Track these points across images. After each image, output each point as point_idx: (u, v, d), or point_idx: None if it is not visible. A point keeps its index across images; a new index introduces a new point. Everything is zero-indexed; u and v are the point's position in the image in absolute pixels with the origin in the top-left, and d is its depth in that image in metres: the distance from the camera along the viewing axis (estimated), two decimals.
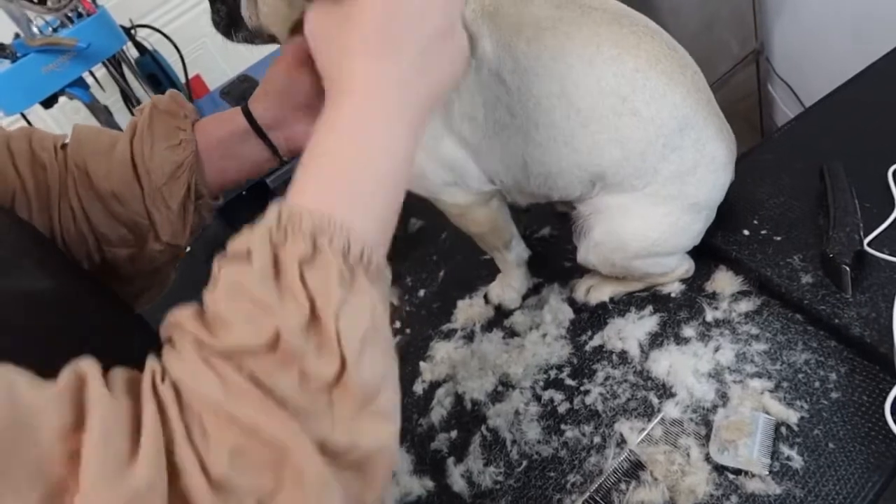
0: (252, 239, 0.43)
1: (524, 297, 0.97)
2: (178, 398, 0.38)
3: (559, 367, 0.87)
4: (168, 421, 0.37)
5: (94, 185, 0.71)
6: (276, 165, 0.78)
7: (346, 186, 0.47)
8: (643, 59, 0.73)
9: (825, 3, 1.59)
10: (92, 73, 1.24)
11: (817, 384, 0.73)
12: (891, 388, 0.68)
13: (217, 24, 0.79)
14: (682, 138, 0.76)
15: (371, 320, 0.43)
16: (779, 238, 0.86)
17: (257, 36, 0.78)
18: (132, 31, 1.31)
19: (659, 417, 0.76)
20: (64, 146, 0.72)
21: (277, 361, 0.40)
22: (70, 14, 1.15)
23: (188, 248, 0.83)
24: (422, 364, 0.95)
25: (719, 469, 0.70)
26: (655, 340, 0.84)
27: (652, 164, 0.77)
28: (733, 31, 1.65)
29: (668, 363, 0.81)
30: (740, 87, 1.77)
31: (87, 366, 0.38)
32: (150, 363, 0.40)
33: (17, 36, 1.12)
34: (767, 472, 0.68)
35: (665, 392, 0.79)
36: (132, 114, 1.31)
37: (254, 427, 0.38)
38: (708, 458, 0.71)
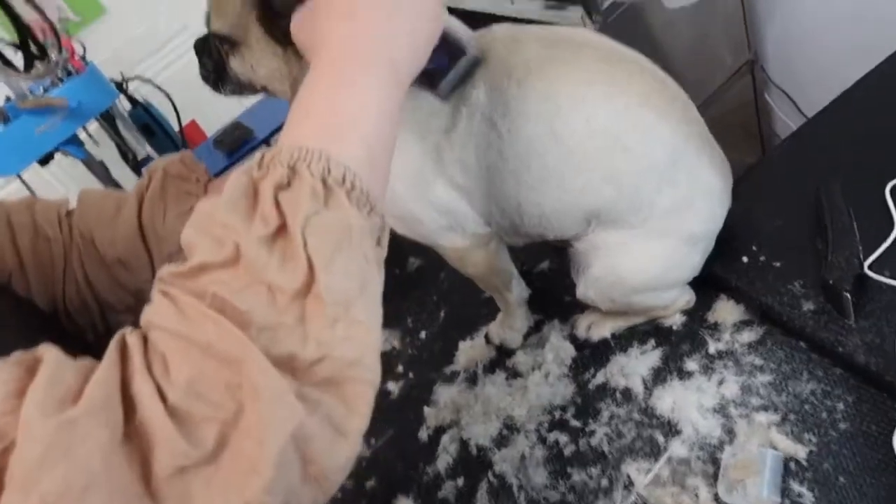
0: (231, 179, 0.44)
1: (525, 336, 0.96)
2: (143, 340, 0.39)
3: (563, 408, 0.85)
4: (129, 361, 0.38)
5: (100, 254, 0.71)
6: None
7: (325, 121, 0.48)
8: (634, 96, 0.73)
9: (816, 10, 1.58)
10: (85, 129, 1.25)
11: (825, 415, 0.72)
12: None
13: (206, 78, 0.80)
14: (675, 171, 0.75)
15: (344, 232, 0.43)
16: (778, 264, 0.84)
17: (246, 89, 0.79)
18: (124, 84, 1.32)
19: (665, 457, 0.75)
20: (70, 212, 0.72)
21: (240, 276, 0.40)
22: (60, 74, 1.15)
23: None
24: (426, 409, 0.94)
25: None
26: (659, 376, 0.83)
27: (647, 199, 0.76)
28: (726, 43, 1.64)
29: (673, 399, 0.79)
30: (737, 98, 1.75)
31: (47, 347, 0.39)
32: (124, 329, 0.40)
33: (8, 99, 1.13)
34: None
35: (671, 430, 0.77)
36: (129, 166, 1.33)
37: (208, 346, 0.38)
38: (717, 499, 0.70)
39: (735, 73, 1.67)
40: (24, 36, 1.04)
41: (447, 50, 0.64)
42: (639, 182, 0.75)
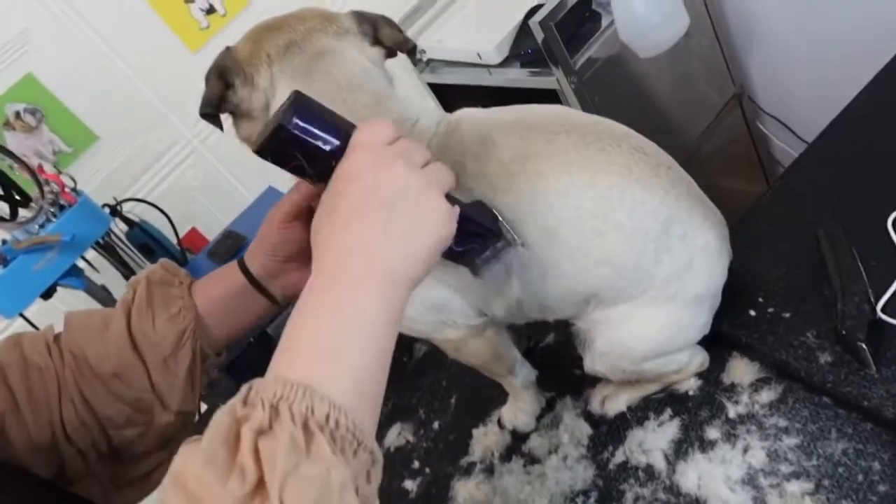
0: (217, 418, 0.43)
1: (539, 417, 0.92)
2: None
3: (585, 493, 0.81)
4: None
5: (94, 370, 0.71)
6: (277, 312, 0.80)
7: (312, 352, 0.47)
8: (616, 173, 0.71)
9: (792, 35, 1.57)
10: (83, 257, 1.26)
11: (860, 477, 0.67)
12: None
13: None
14: (669, 237, 0.73)
15: (324, 489, 0.40)
16: (787, 315, 0.81)
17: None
18: (118, 207, 1.34)
19: None
20: (57, 338, 0.72)
21: None
22: (52, 209, 1.17)
23: (197, 417, 0.81)
24: None
25: None
26: (680, 448, 0.78)
27: (646, 272, 0.73)
28: (709, 80, 1.64)
29: (697, 474, 0.75)
30: (730, 131, 1.74)
31: None
32: None
33: (3, 242, 1.15)
34: None
35: None
36: None
37: None
38: None
39: (723, 108, 1.66)
40: (7, 189, 1.07)
41: (480, 235, 0.65)
42: (635, 257, 0.72)
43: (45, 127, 1.48)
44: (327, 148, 0.57)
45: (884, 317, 0.73)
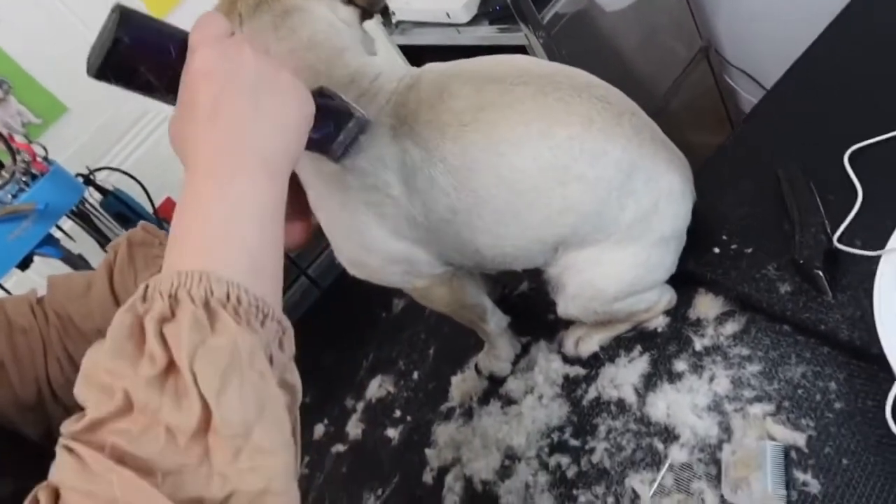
0: (116, 317, 0.44)
1: (515, 361, 0.95)
2: (55, 497, 0.38)
3: (560, 429, 0.84)
4: None
5: (79, 328, 0.72)
6: None
7: (202, 240, 0.48)
8: (576, 124, 0.71)
9: None
10: (59, 227, 1.26)
11: (818, 397, 0.70)
12: (890, 388, 0.65)
13: None
14: (632, 183, 0.74)
15: (233, 357, 0.42)
16: (749, 250, 0.84)
17: None
18: (91, 177, 1.33)
19: (667, 465, 0.74)
20: (40, 300, 0.73)
21: (136, 423, 0.39)
22: (24, 178, 1.17)
23: None
24: (427, 451, 0.93)
25: None
26: (650, 381, 0.82)
27: (611, 217, 0.75)
28: (676, 34, 1.65)
29: (666, 404, 0.78)
30: (698, 84, 1.76)
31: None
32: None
33: None
34: None
35: (669, 435, 0.76)
36: None
37: (113, 501, 0.37)
38: (723, 501, 0.68)
39: (691, 61, 1.68)
40: None
41: (333, 117, 0.65)
42: (598, 205, 0.74)
43: (12, 98, 1.46)
44: (171, 52, 0.55)
45: (839, 246, 0.76)
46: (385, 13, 0.84)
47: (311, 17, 0.74)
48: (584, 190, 0.72)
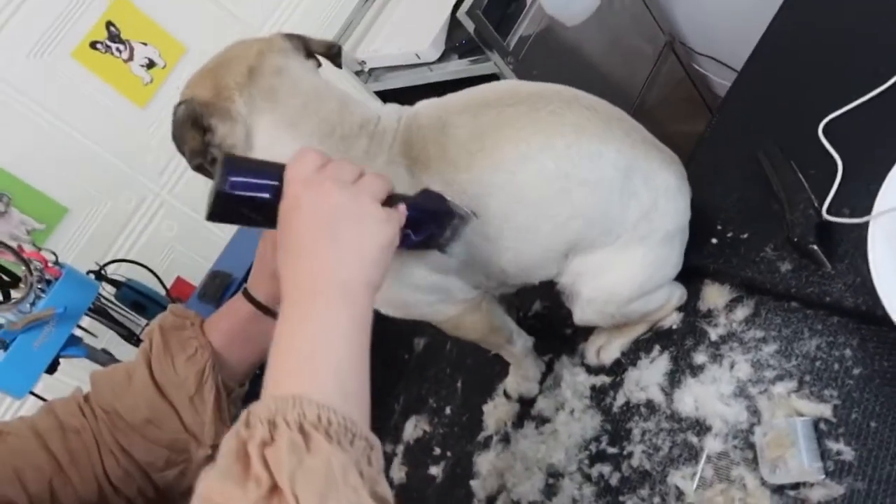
0: (223, 444, 0.48)
1: (541, 381, 0.97)
2: None
3: (597, 439, 0.86)
4: None
5: (127, 421, 0.75)
6: None
7: (294, 364, 0.54)
8: (570, 132, 0.75)
9: None
10: (79, 325, 1.29)
11: (836, 366, 0.73)
12: None
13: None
14: (632, 183, 0.78)
15: (329, 476, 0.46)
16: (746, 235, 0.86)
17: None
18: (102, 271, 1.37)
19: (704, 457, 0.76)
20: (87, 398, 0.76)
21: None
22: (40, 285, 1.20)
23: None
24: (472, 483, 0.95)
25: (779, 490, 0.69)
26: (674, 378, 0.84)
27: (616, 219, 0.79)
28: (639, 35, 1.70)
29: (693, 398, 0.80)
30: (670, 77, 1.80)
31: None
32: None
33: (0, 325, 1.17)
34: (824, 476, 0.67)
35: (701, 428, 0.78)
36: (134, 345, 1.37)
37: None
38: (764, 483, 0.70)
39: (658, 57, 1.72)
40: None
41: (434, 218, 0.70)
42: (603, 207, 0.77)
43: (14, 209, 1.50)
44: (267, 195, 0.62)
45: (829, 217, 0.78)
46: (339, 54, 0.87)
47: (298, 75, 0.77)
48: (588, 193, 0.76)
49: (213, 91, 0.74)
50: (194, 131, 0.74)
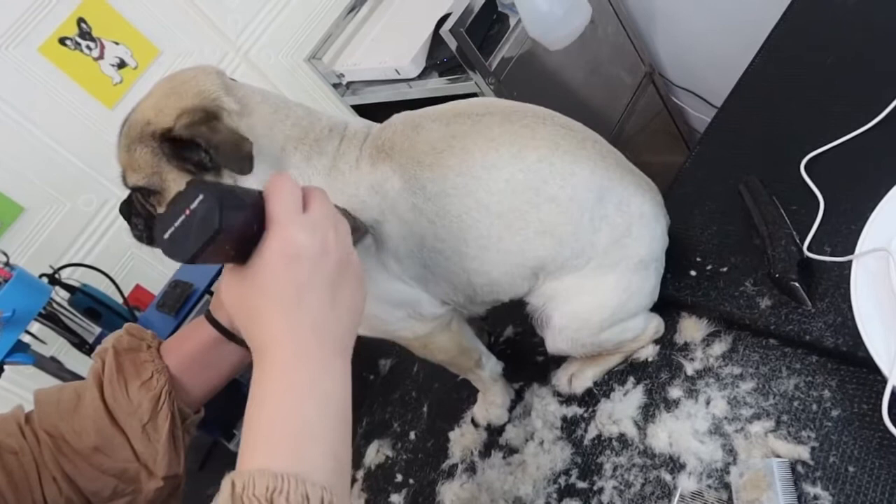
0: None
1: (510, 409, 0.94)
2: None
3: (566, 472, 0.83)
4: None
5: (73, 447, 0.69)
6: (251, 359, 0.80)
7: (291, 438, 0.50)
8: (543, 147, 0.75)
9: (692, 9, 1.65)
10: (28, 331, 1.23)
11: (815, 407, 0.71)
12: (883, 390, 0.66)
13: (140, 238, 0.83)
14: (604, 206, 0.77)
15: None
16: (725, 269, 0.85)
17: None
18: (56, 275, 1.31)
19: (678, 495, 0.73)
20: (28, 418, 0.71)
21: None
22: None
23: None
24: None
25: None
26: (648, 412, 0.82)
27: (587, 241, 0.77)
28: (620, 64, 1.70)
29: (667, 433, 0.78)
30: (648, 107, 1.81)
31: None
32: None
33: None
34: None
35: (675, 465, 0.76)
36: (86, 354, 1.31)
37: None
38: None
39: (637, 87, 1.72)
40: None
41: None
42: (573, 227, 0.76)
43: None
44: (254, 227, 0.55)
45: (810, 255, 0.77)
46: None
47: (258, 89, 0.77)
48: (557, 211, 0.75)
49: (196, 98, 0.72)
50: (220, 122, 0.70)
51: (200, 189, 0.53)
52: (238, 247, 0.55)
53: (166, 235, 0.53)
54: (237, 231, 0.54)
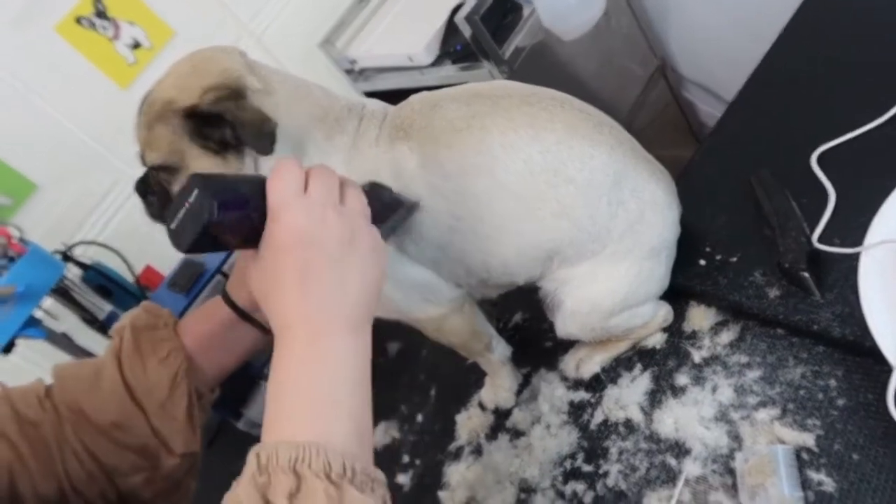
0: (238, 493, 0.46)
1: (517, 392, 0.95)
2: None
3: (572, 456, 0.85)
4: None
5: (93, 422, 0.71)
6: (269, 340, 0.81)
7: (310, 408, 0.52)
8: (561, 129, 0.75)
9: (705, 3, 1.65)
10: (40, 306, 1.24)
11: (820, 396, 0.72)
12: (888, 380, 0.67)
13: (154, 216, 0.83)
14: (620, 191, 0.78)
15: None
16: (734, 259, 0.86)
17: None
18: (69, 253, 1.32)
19: (682, 480, 0.74)
20: (48, 391, 0.72)
21: None
22: (1, 261, 1.15)
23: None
24: (440, 494, 0.93)
25: None
26: (654, 398, 0.83)
27: (603, 226, 0.78)
28: (632, 56, 1.71)
29: (673, 419, 0.79)
30: (659, 101, 1.81)
31: None
32: None
33: None
34: None
35: (680, 450, 0.77)
36: (97, 331, 1.32)
37: None
38: None
39: (649, 80, 1.73)
40: None
41: (381, 208, 0.68)
42: (590, 210, 0.77)
43: None
44: (252, 217, 0.57)
45: (820, 246, 0.78)
46: None
47: (277, 69, 0.78)
48: (575, 193, 0.75)
49: (221, 76, 0.73)
50: (246, 101, 0.71)
51: (197, 182, 0.55)
52: (241, 235, 0.58)
53: (172, 227, 0.56)
54: (232, 222, 0.56)
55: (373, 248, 0.60)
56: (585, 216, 0.77)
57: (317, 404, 0.52)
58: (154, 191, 0.81)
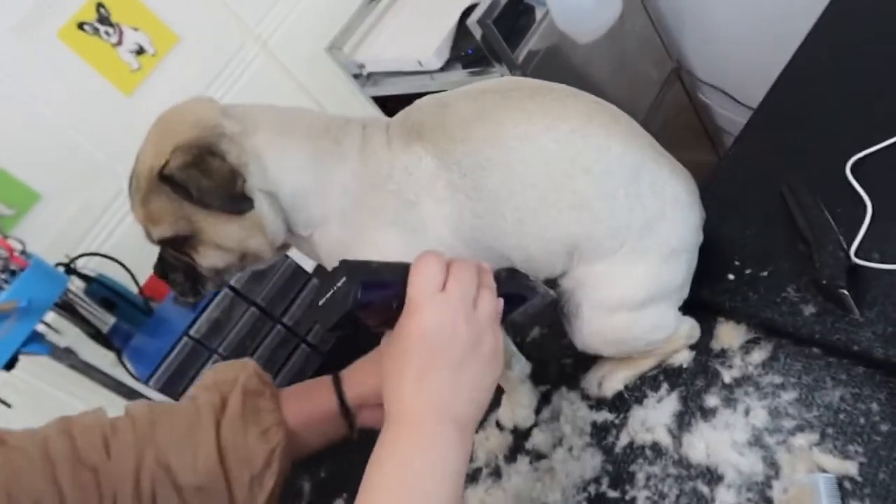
0: None
1: (537, 411, 0.92)
2: None
3: (597, 480, 0.81)
4: None
5: (178, 482, 0.68)
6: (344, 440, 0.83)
7: (401, 491, 0.55)
8: (575, 119, 0.73)
9: (722, 5, 1.61)
10: (43, 321, 1.21)
11: (862, 420, 0.68)
12: None
13: (185, 293, 0.82)
14: (639, 185, 0.75)
15: None
16: (765, 273, 0.82)
17: (228, 272, 0.81)
18: (72, 265, 1.29)
19: None
20: (115, 428, 0.68)
21: None
22: (3, 275, 1.12)
23: None
24: None
25: None
26: (683, 421, 0.79)
27: (622, 221, 0.75)
28: (647, 58, 1.67)
29: (704, 444, 0.75)
30: (674, 104, 1.77)
31: None
32: None
33: None
34: None
35: (712, 477, 0.73)
36: (101, 344, 1.29)
37: None
38: None
39: (664, 83, 1.69)
40: None
41: (515, 294, 0.73)
42: (608, 202, 0.74)
43: None
44: (392, 305, 0.62)
45: (859, 261, 0.74)
46: None
47: (256, 104, 0.79)
48: (592, 184, 0.73)
49: (195, 131, 0.72)
50: (215, 159, 0.70)
51: (345, 270, 0.61)
52: (380, 319, 0.63)
53: (319, 303, 0.62)
54: (373, 309, 0.61)
55: (494, 353, 0.63)
56: (603, 209, 0.74)
57: (406, 488, 0.55)
58: (174, 266, 0.79)
